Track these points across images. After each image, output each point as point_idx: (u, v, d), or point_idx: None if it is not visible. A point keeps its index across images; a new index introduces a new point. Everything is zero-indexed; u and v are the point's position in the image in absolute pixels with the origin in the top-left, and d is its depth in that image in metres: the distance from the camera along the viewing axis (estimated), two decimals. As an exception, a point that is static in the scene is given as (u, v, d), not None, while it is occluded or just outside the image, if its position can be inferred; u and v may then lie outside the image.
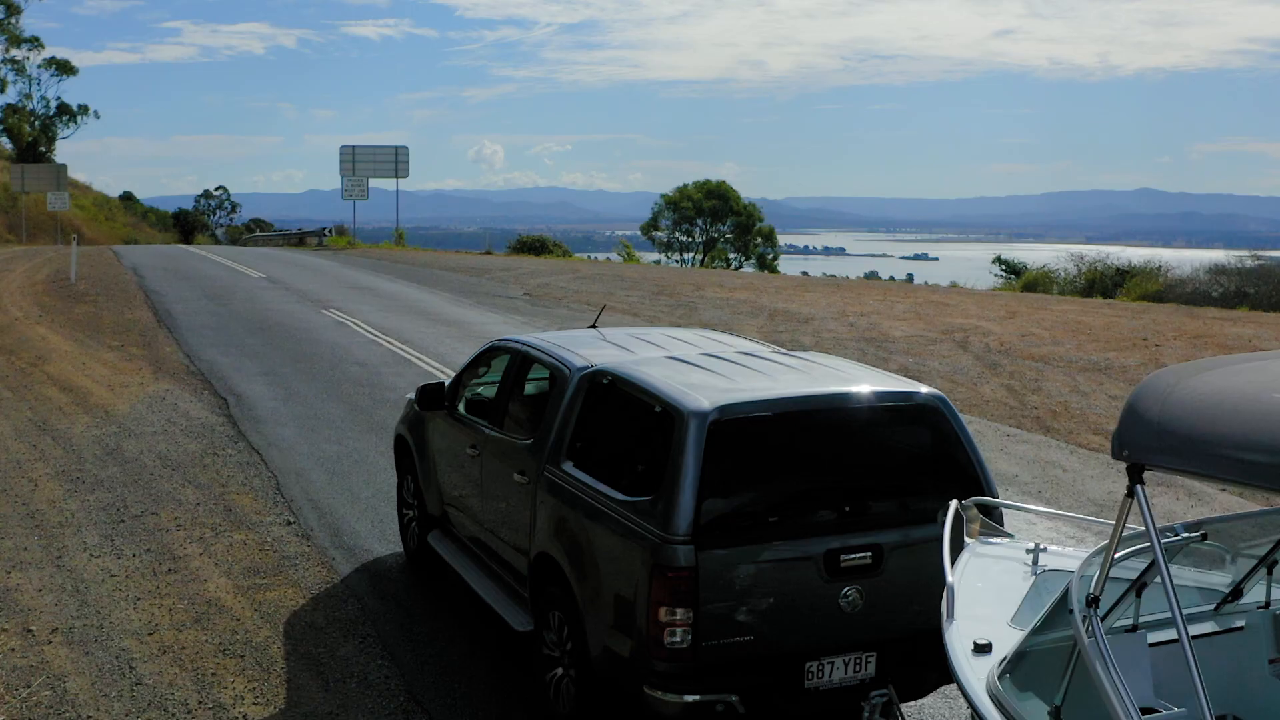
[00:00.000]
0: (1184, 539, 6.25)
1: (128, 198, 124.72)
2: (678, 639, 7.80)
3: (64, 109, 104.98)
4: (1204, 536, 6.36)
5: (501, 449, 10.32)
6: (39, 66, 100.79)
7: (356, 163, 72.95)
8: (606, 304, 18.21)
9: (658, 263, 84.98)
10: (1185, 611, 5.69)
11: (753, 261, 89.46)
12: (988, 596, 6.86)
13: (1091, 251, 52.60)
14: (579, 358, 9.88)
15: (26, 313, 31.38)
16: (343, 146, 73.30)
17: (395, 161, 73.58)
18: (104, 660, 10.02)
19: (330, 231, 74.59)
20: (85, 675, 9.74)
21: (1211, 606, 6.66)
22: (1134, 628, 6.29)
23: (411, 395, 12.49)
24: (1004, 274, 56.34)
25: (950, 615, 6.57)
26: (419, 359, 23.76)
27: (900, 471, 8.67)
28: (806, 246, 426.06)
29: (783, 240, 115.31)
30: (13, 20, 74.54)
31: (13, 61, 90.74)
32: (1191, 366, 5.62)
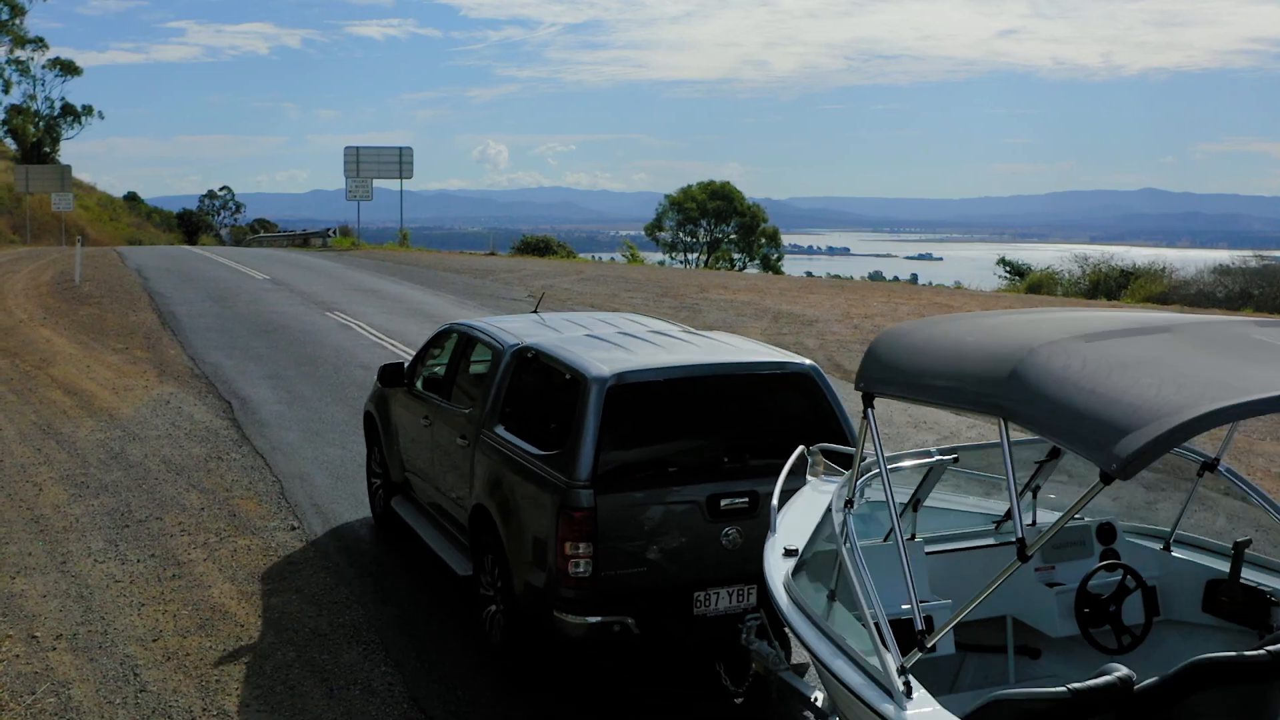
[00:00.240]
0: (939, 460, 8.01)
1: (132, 198, 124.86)
2: (581, 569, 9.21)
3: (68, 109, 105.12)
4: (956, 459, 8.18)
5: (448, 418, 11.79)
6: (43, 67, 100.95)
7: (361, 164, 73.04)
8: (607, 306, 18.26)
9: (662, 264, 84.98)
10: (972, 529, 8.47)
11: (756, 262, 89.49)
12: (808, 517, 8.04)
13: (1096, 252, 52.56)
14: (512, 337, 11.38)
15: (31, 315, 31.43)
16: (347, 147, 73.41)
17: (399, 162, 73.67)
18: (108, 667, 10.03)
19: (334, 232, 74.64)
20: (90, 682, 9.75)
21: (992, 526, 8.57)
22: (912, 537, 8.04)
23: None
24: (1008, 276, 56.35)
25: (773, 530, 8.03)
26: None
27: (776, 429, 9.86)
28: (811, 246, 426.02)
29: (787, 240, 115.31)
30: (16, 21, 74.58)
31: (17, 62, 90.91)
32: (918, 322, 7.35)
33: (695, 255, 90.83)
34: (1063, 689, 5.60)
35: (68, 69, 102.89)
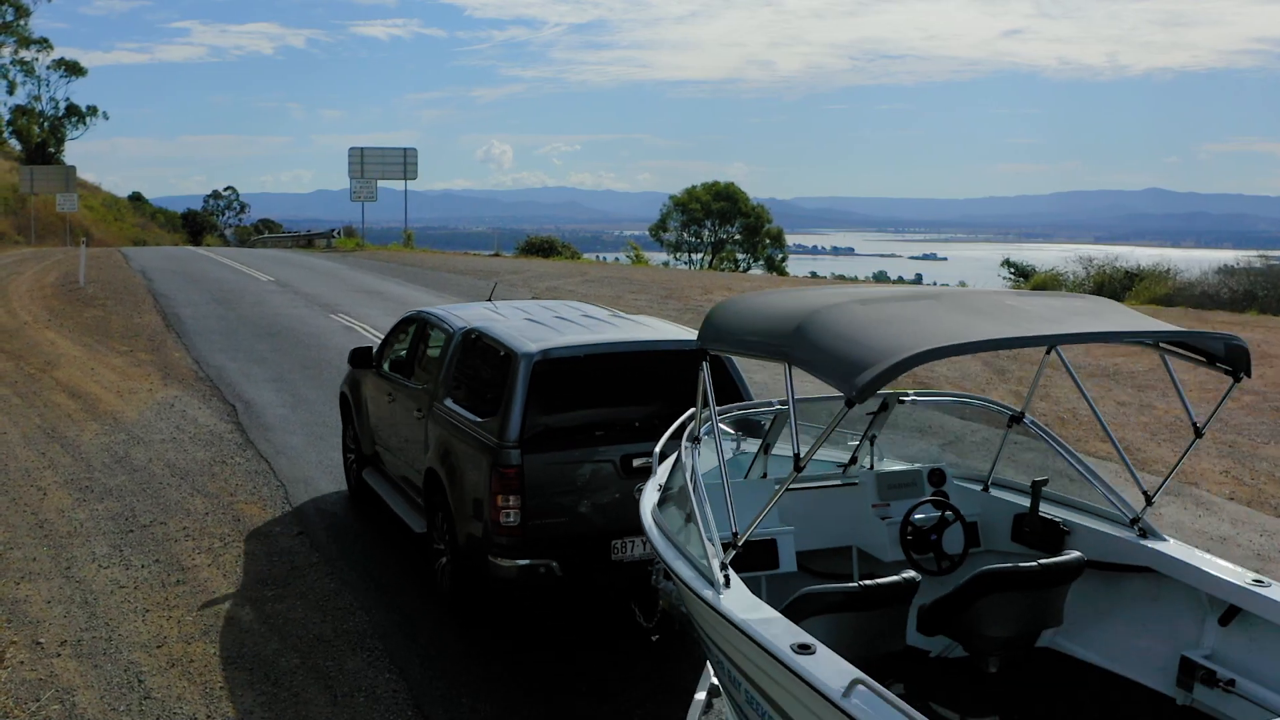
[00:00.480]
0: (777, 410, 9.57)
1: (136, 198, 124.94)
2: (511, 519, 10.67)
3: (73, 110, 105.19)
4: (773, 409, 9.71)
5: (408, 394, 13.34)
6: (48, 68, 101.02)
7: (365, 165, 73.08)
8: (612, 307, 18.88)
9: (666, 264, 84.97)
10: (824, 472, 9.68)
11: (761, 263, 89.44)
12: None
13: (1100, 252, 52.55)
14: (461, 321, 12.94)
15: (36, 317, 31.46)
16: (351, 149, 73.43)
17: (404, 163, 73.72)
18: (113, 673, 10.05)
19: (338, 233, 74.65)
20: (94, 689, 9.76)
21: (840, 469, 9.84)
22: (764, 475, 9.55)
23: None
24: (1012, 277, 56.33)
25: (653, 473, 9.05)
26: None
27: (684, 397, 9.99)
28: (815, 246, 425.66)
29: (791, 240, 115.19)
30: (21, 22, 74.59)
31: (21, 63, 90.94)
32: (744, 294, 9.19)
33: (700, 256, 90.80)
34: (854, 584, 7.40)
35: (72, 69, 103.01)
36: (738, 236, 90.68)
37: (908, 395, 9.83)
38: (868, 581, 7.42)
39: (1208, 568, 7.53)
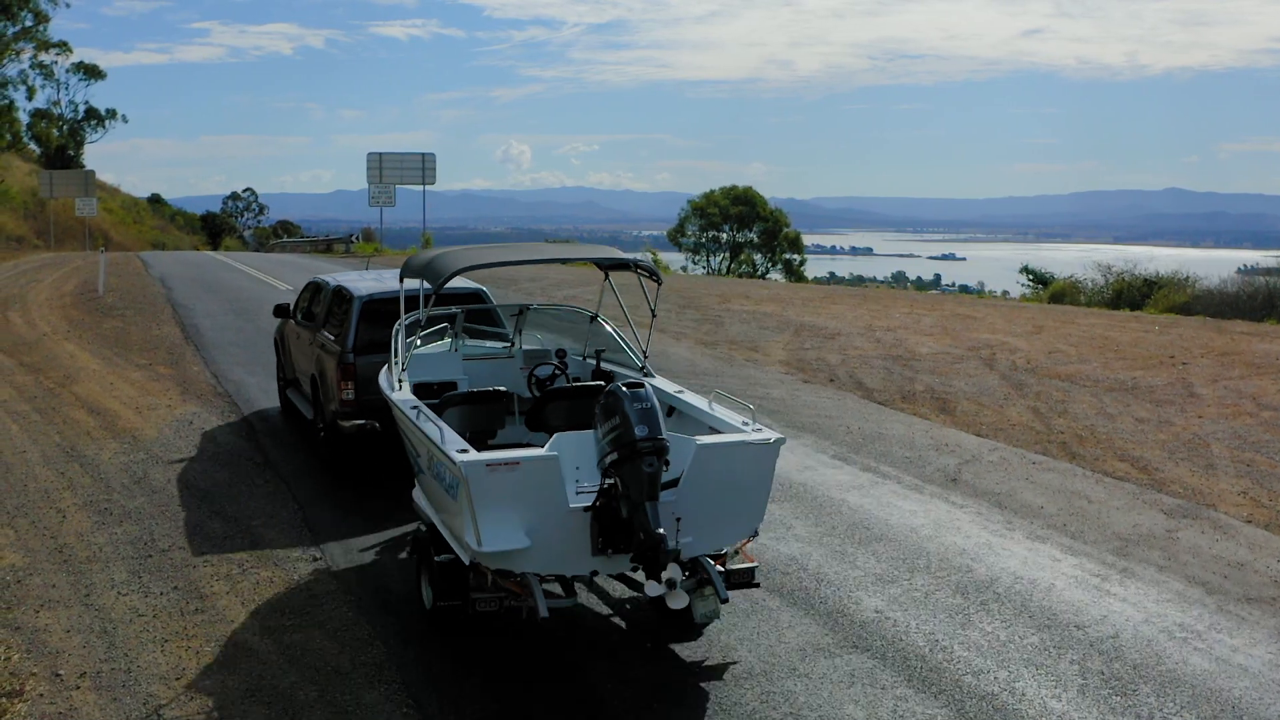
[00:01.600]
0: (453, 313, 15.93)
1: (156, 200, 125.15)
2: (349, 396, 16.86)
3: (92, 113, 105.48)
4: (465, 312, 16.16)
5: (309, 331, 19.27)
6: (67, 71, 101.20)
7: (384, 169, 73.10)
8: (630, 315, 19.13)
9: (684, 269, 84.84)
10: (494, 349, 16.10)
11: (779, 267, 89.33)
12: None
13: (1119, 253, 52.53)
14: (335, 281, 19.20)
15: (55, 327, 31.54)
16: (370, 153, 73.46)
17: (422, 168, 73.72)
18: (132, 707, 10.07)
19: (357, 238, 74.72)
20: (113, 724, 9.79)
21: (506, 347, 16.11)
22: (455, 350, 15.61)
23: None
24: (1031, 284, 56.23)
25: (392, 355, 14.06)
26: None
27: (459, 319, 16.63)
28: (834, 246, 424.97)
29: (810, 240, 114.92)
30: (40, 28, 74.68)
31: (41, 65, 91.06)
32: (422, 252, 15.46)
33: (719, 260, 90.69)
34: (470, 391, 13.72)
35: (91, 73, 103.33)
36: (756, 241, 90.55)
37: (532, 304, 16.80)
38: (476, 390, 14.04)
39: (666, 387, 13.49)
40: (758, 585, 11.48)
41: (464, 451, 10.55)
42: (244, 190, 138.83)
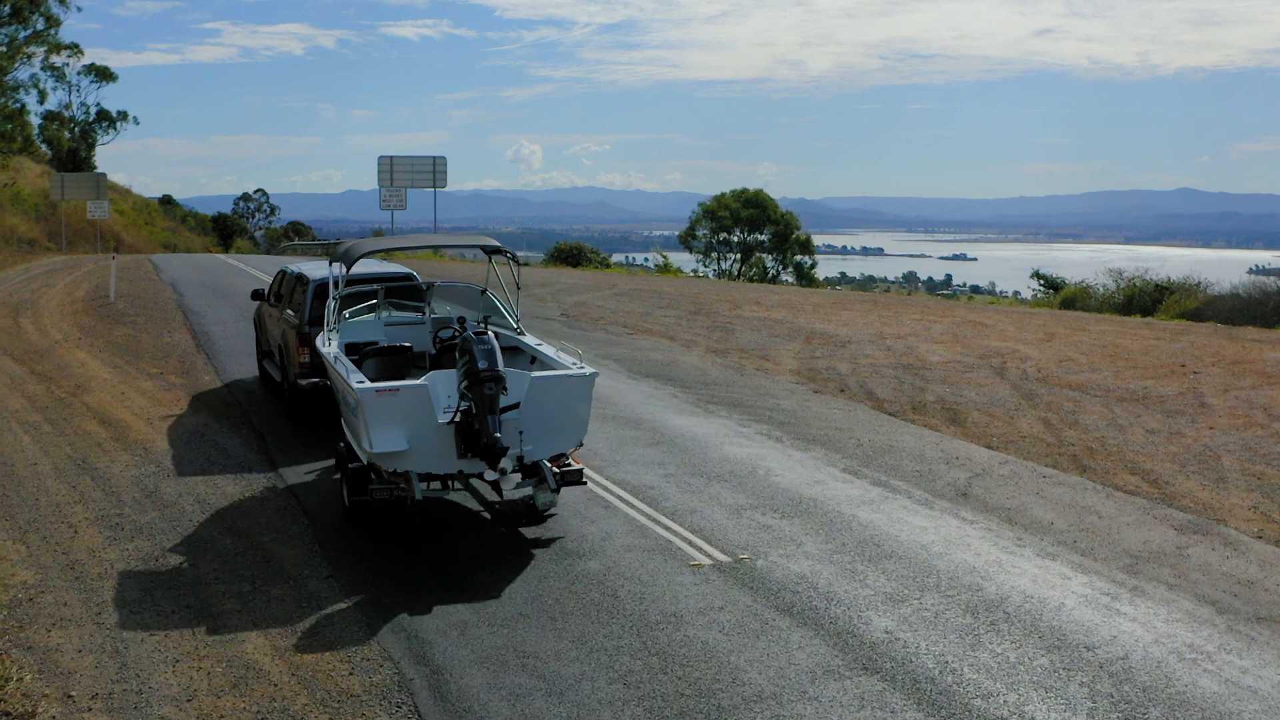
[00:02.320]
0: (379, 289, 20.52)
1: (167, 201, 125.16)
2: (305, 360, 20.44)
3: (103, 115, 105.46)
4: (388, 293, 20.43)
5: (277, 310, 23.10)
6: (78, 73, 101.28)
7: (395, 173, 73.06)
8: (640, 325, 19.11)
9: (695, 272, 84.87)
10: (411, 316, 20.09)
11: (790, 270, 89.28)
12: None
13: (1130, 253, 52.82)
14: (297, 269, 23.00)
15: (66, 334, 31.57)
16: (381, 157, 73.39)
17: (433, 171, 73.67)
18: (143, 730, 10.10)
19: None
20: (124, 748, 9.81)
21: (420, 316, 19.88)
22: (378, 317, 19.93)
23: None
24: (1042, 289, 56.20)
25: (328, 320, 18.49)
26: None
27: (396, 296, 20.87)
28: (845, 247, 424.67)
29: (821, 241, 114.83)
30: (52, 32, 74.76)
31: (52, 67, 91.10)
32: (350, 242, 22.05)
33: (730, 262, 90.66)
34: (384, 345, 18.38)
35: (103, 75, 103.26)
36: (767, 244, 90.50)
37: (437, 282, 20.66)
38: (383, 342, 18.50)
39: (529, 341, 18.17)
40: (585, 483, 15.80)
41: (361, 382, 14.95)
42: (255, 191, 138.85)
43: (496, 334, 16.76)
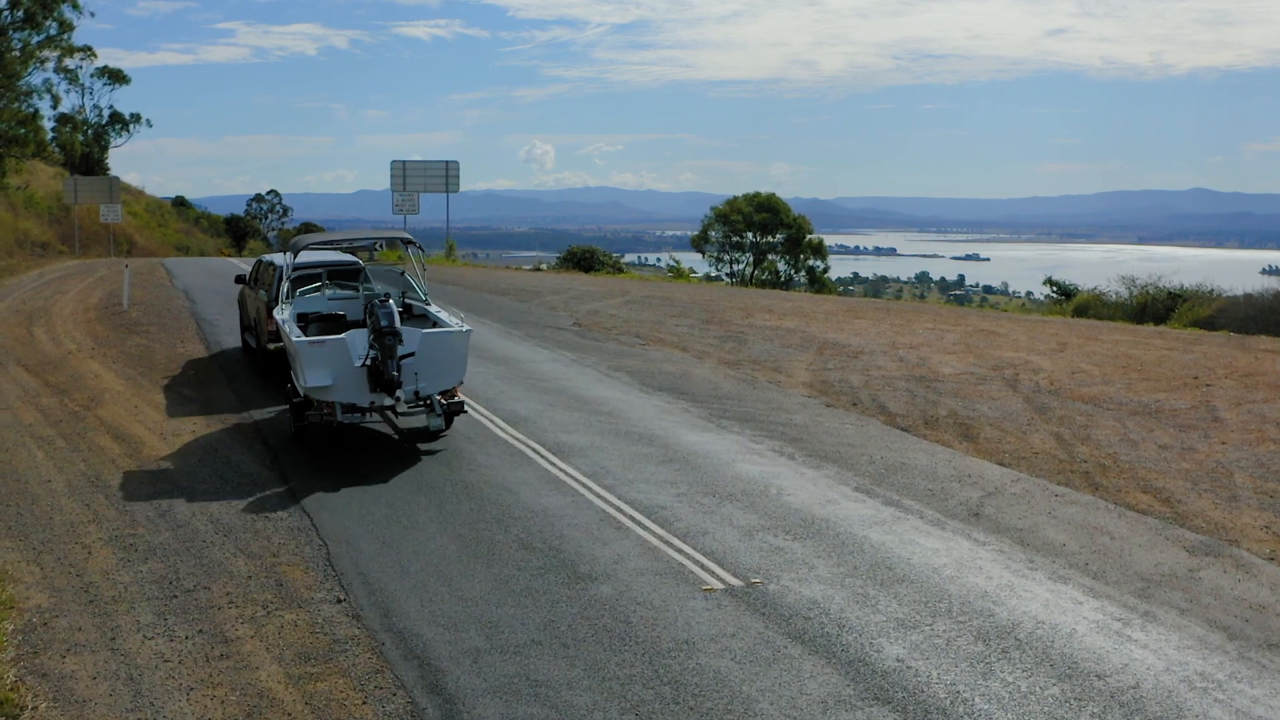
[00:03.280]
0: (323, 271, 26.30)
1: (180, 202, 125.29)
2: (273, 329, 25.31)
3: (116, 117, 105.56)
4: (330, 276, 26.30)
5: (254, 291, 27.95)
6: (91, 76, 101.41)
7: (407, 177, 73.11)
8: (653, 335, 19.65)
9: (708, 277, 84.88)
10: (351, 291, 25.40)
11: (803, 274, 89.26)
12: (314, 304, 24.81)
13: (1143, 253, 52.98)
14: (270, 258, 28.14)
15: (80, 344, 31.64)
16: (394, 161, 73.46)
17: (446, 176, 73.73)
18: (157, 762, 10.13)
19: (381, 246, 74.68)
20: (139, 781, 9.84)
21: (355, 293, 25.03)
22: (323, 291, 25.40)
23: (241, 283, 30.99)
24: (1055, 296, 56.20)
25: (282, 294, 24.13)
26: (467, 405, 23.55)
27: (349, 279, 26.09)
28: (857, 247, 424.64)
29: (834, 241, 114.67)
30: (65, 37, 74.83)
31: (65, 70, 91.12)
32: (301, 235, 34.23)
33: (742, 265, 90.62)
34: (332, 313, 24.46)
35: (116, 77, 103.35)
36: (779, 248, 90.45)
37: (367, 267, 26.03)
38: (324, 311, 24.24)
39: (432, 308, 23.51)
40: (465, 411, 21.90)
41: (298, 336, 20.90)
42: (268, 192, 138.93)
43: (411, 304, 23.75)
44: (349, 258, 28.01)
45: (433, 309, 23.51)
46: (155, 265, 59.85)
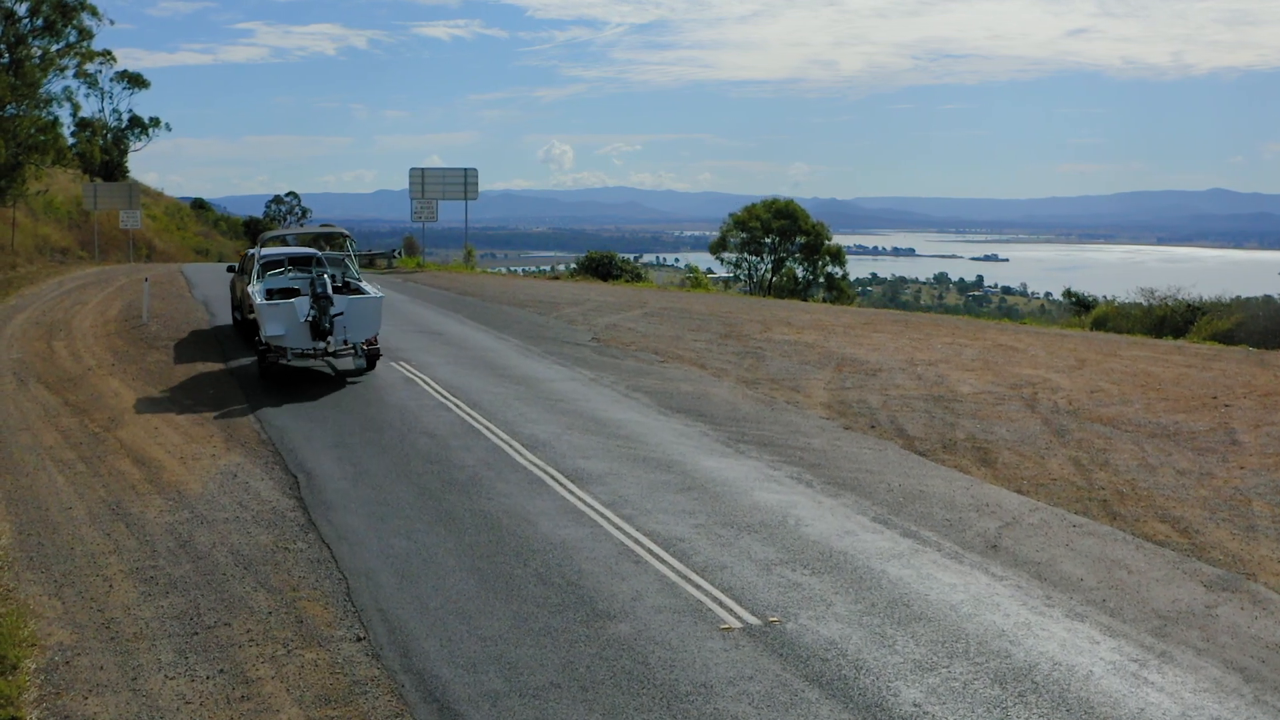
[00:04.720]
0: (289, 262, 33.84)
1: (199, 205, 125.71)
2: (250, 303, 32.55)
3: (135, 121, 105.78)
4: (292, 265, 33.48)
5: (240, 277, 36.86)
6: (111, 80, 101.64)
7: (426, 185, 73.35)
8: (671, 351, 19.63)
9: (726, 285, 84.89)
10: (315, 274, 30.91)
11: (821, 280, 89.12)
12: (279, 283, 32.84)
13: (1163, 254, 53.14)
14: (254, 250, 35.22)
15: (100, 360, 31.76)
16: (412, 169, 73.73)
17: (464, 184, 73.93)
18: (178, 812, 10.19)
19: (399, 253, 74.85)
20: (160, 833, 9.90)
21: (309, 274, 32.10)
22: (286, 272, 33.36)
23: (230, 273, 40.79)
24: (1074, 306, 56.19)
25: (255, 276, 32.76)
26: (487, 429, 23.58)
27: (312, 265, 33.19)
28: (876, 247, 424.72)
29: (852, 242, 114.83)
30: (84, 44, 74.96)
31: (85, 74, 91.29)
32: (268, 231, 49.87)
33: (761, 271, 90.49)
34: (290, 288, 32.32)
35: (135, 81, 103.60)
36: (798, 254, 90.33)
37: (321, 254, 32.89)
38: (285, 286, 32.07)
39: (362, 283, 32.53)
40: (380, 355, 30.23)
41: (260, 301, 28.62)
42: (287, 194, 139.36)
43: (348, 281, 32.49)
44: (308, 249, 34.63)
45: (363, 284, 32.27)
46: (174, 273, 59.95)
